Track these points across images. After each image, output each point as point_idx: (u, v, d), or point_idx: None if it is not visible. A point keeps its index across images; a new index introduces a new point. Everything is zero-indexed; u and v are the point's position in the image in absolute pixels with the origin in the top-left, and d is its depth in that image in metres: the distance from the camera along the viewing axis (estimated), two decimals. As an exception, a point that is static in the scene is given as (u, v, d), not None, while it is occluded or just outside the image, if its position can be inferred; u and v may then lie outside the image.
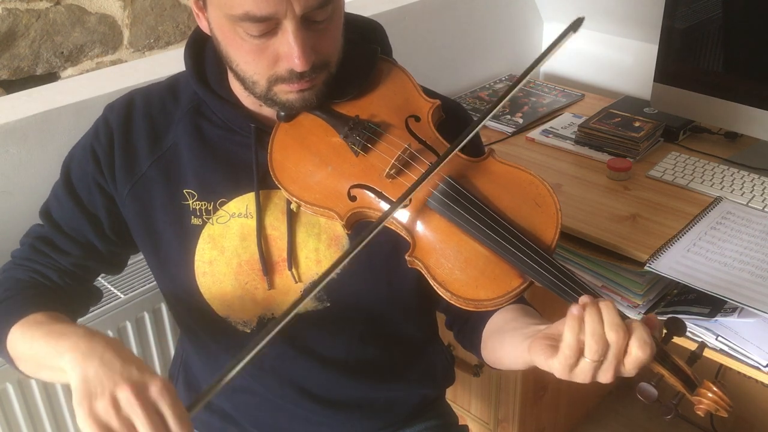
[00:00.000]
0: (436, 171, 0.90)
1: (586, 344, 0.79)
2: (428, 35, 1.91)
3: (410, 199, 0.91)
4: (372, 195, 0.94)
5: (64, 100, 1.31)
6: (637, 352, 0.79)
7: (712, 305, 1.28)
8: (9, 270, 1.04)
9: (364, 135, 0.95)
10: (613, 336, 0.78)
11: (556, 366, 0.81)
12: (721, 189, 1.53)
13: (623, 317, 0.81)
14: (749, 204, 1.48)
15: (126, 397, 0.74)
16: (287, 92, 0.92)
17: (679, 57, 1.69)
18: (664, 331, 0.87)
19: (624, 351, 0.79)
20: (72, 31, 1.89)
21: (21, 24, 1.79)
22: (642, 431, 2.11)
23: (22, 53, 1.81)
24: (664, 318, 1.33)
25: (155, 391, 0.76)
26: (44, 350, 0.87)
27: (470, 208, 0.90)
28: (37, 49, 1.84)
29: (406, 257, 0.91)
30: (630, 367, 0.80)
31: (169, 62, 1.51)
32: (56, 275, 1.03)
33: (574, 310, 0.80)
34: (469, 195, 0.91)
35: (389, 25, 1.10)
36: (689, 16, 1.65)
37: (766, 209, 1.47)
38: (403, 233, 0.93)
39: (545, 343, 0.83)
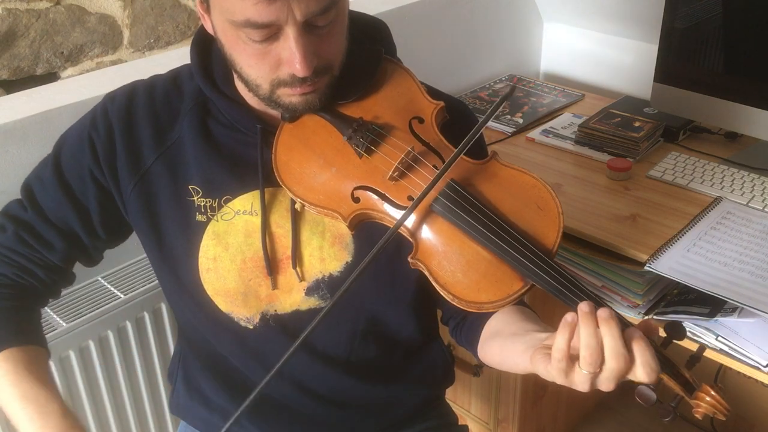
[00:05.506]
0: (442, 177, 0.90)
1: (581, 356, 0.78)
2: (428, 35, 1.91)
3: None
4: (375, 197, 0.94)
5: (64, 100, 1.31)
6: (641, 376, 0.78)
7: (712, 305, 1.28)
8: None
9: (367, 137, 0.95)
10: (613, 364, 0.77)
11: (552, 373, 0.81)
12: (721, 189, 1.53)
13: (624, 324, 0.80)
14: (749, 204, 1.48)
15: None
16: (290, 95, 0.92)
17: (679, 57, 1.69)
18: (664, 335, 0.87)
19: (624, 375, 0.79)
20: (72, 31, 1.89)
21: (21, 24, 1.79)
22: (642, 431, 2.11)
23: (22, 53, 1.81)
24: (663, 319, 1.35)
25: None
26: (16, 416, 0.93)
27: (473, 211, 0.89)
28: (37, 49, 1.84)
29: (409, 259, 0.91)
30: (630, 379, 0.80)
31: (169, 62, 1.51)
32: (42, 272, 1.04)
33: (568, 317, 0.79)
34: (472, 199, 0.91)
35: (389, 25, 1.10)
36: (689, 16, 1.65)
37: (766, 209, 1.47)
38: (407, 235, 0.93)
39: (545, 351, 0.83)
